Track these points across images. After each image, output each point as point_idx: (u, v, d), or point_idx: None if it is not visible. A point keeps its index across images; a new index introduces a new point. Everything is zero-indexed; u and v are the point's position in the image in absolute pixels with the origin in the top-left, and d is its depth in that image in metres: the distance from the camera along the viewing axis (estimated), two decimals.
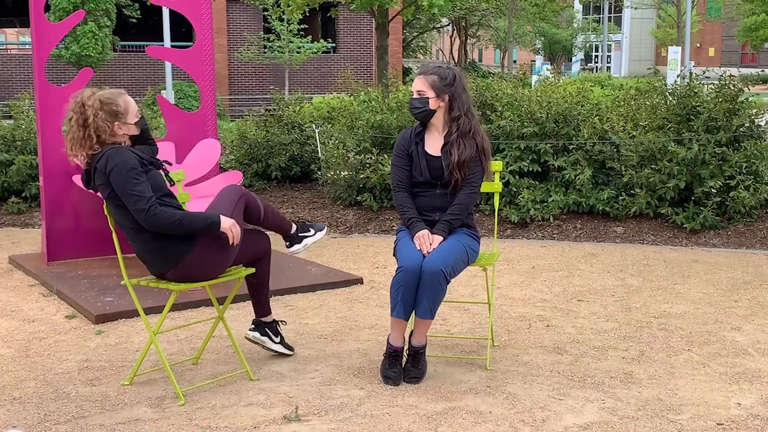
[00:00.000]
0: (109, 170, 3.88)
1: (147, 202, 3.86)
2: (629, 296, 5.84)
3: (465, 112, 4.28)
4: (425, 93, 4.24)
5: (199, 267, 4.01)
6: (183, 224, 3.92)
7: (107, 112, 3.98)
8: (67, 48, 20.42)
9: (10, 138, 9.38)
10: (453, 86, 4.25)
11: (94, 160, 3.96)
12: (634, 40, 52.53)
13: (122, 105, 4.04)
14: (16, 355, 4.64)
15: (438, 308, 4.15)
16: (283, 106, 10.96)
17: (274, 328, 4.57)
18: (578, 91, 8.96)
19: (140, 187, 3.88)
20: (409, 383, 4.15)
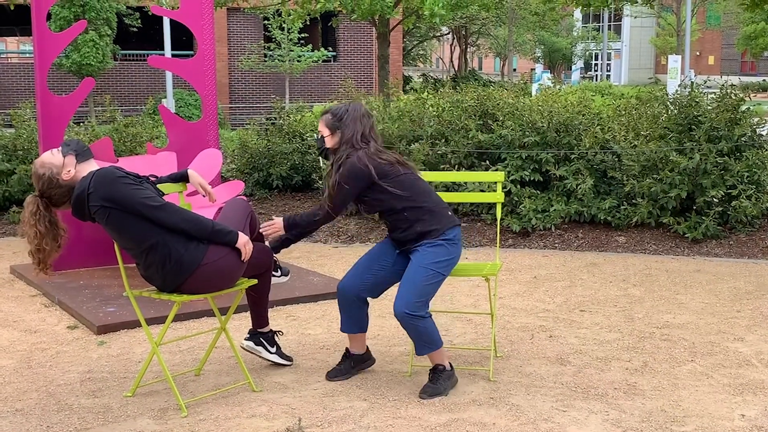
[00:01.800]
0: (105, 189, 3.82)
1: (160, 200, 3.89)
2: (632, 306, 5.83)
3: (346, 141, 4.23)
4: (322, 132, 4.32)
5: (211, 279, 3.98)
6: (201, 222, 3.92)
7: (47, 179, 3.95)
8: (68, 57, 20.44)
9: (11, 147, 9.38)
10: (341, 120, 4.25)
11: (84, 186, 3.87)
12: (634, 49, 52.61)
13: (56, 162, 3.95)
14: (18, 366, 4.63)
15: (432, 338, 4.14)
16: (284, 115, 10.97)
17: (270, 338, 4.57)
18: (579, 101, 8.96)
19: (148, 191, 3.90)
20: (420, 397, 4.13)
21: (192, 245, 3.91)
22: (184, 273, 3.92)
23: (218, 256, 3.96)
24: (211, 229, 3.92)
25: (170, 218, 3.85)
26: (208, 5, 7.10)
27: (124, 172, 3.92)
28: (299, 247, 7.93)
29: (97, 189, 3.84)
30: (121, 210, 3.84)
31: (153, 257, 3.91)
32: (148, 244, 3.90)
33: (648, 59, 53.36)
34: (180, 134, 7.17)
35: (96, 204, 3.85)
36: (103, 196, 3.83)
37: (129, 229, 3.88)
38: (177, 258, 3.89)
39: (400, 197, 4.19)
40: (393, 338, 5.10)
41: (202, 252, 3.92)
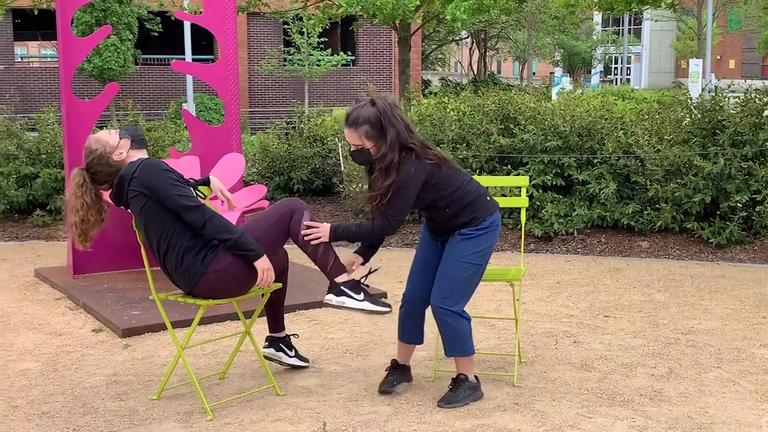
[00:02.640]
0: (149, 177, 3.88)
1: (197, 201, 3.91)
2: (656, 312, 5.80)
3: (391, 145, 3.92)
4: (362, 145, 3.97)
5: (218, 287, 3.98)
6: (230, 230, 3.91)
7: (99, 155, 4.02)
8: (90, 61, 20.59)
9: (35, 151, 9.45)
10: (382, 129, 3.92)
11: (129, 171, 3.94)
12: (654, 52, 52.33)
13: (101, 145, 4.04)
14: (44, 369, 4.66)
15: (462, 342, 4.08)
16: (304, 119, 11.00)
17: (288, 342, 4.58)
18: (602, 105, 8.93)
19: (183, 189, 3.93)
20: (438, 404, 4.10)
21: (201, 254, 3.92)
22: (191, 280, 3.96)
23: (223, 265, 3.93)
24: (237, 239, 3.90)
25: (200, 220, 3.87)
26: (231, 10, 7.12)
27: (170, 167, 3.98)
28: None
29: (141, 175, 3.90)
30: (157, 202, 3.88)
31: (170, 258, 3.97)
32: (167, 243, 3.94)
33: (668, 63, 53.06)
34: (203, 139, 7.20)
35: (136, 189, 3.91)
36: (145, 183, 3.88)
37: (157, 223, 3.93)
38: (186, 265, 3.94)
39: (444, 194, 4.03)
40: None
41: (208, 261, 3.92)
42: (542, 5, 31.14)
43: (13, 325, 5.49)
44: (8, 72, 26.20)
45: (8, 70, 26.20)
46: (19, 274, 7.02)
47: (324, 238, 4.08)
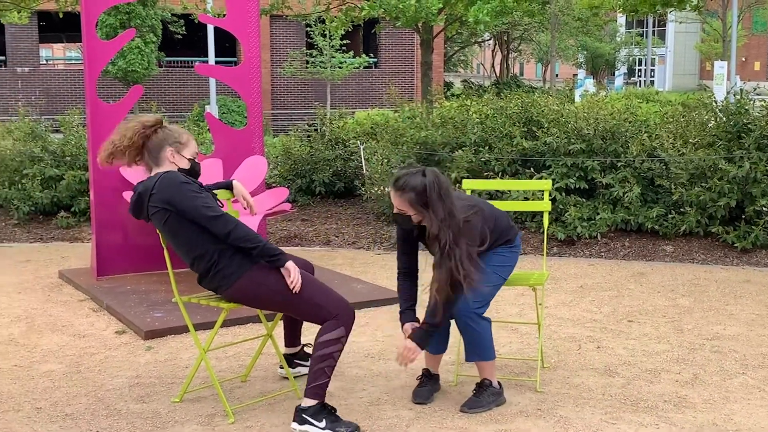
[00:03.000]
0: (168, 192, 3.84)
1: (219, 210, 3.86)
2: (681, 317, 5.75)
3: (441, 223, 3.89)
4: (405, 211, 3.94)
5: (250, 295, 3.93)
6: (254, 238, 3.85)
7: (165, 134, 4.00)
8: (114, 63, 20.73)
9: (59, 153, 9.52)
10: (428, 202, 3.88)
11: (148, 186, 3.91)
12: (678, 54, 51.98)
13: (184, 138, 4.05)
14: (67, 370, 4.68)
15: (486, 346, 4.07)
16: (326, 122, 11.02)
17: (303, 356, 4.55)
18: (626, 108, 8.86)
19: (208, 200, 3.88)
20: (461, 410, 4.08)
21: (237, 258, 3.88)
22: (224, 284, 3.92)
23: (261, 276, 3.88)
24: (262, 247, 3.84)
25: (223, 229, 3.82)
26: (254, 13, 7.15)
27: (188, 178, 3.94)
28: (342, 253, 7.95)
29: (160, 190, 3.86)
30: (179, 215, 3.85)
31: (200, 266, 3.94)
32: (196, 253, 3.92)
33: (693, 65, 52.68)
34: (226, 141, 7.22)
35: (156, 206, 3.87)
36: (165, 198, 3.84)
37: (182, 235, 3.90)
38: (219, 268, 3.89)
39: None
40: None
41: (246, 266, 3.88)
42: (566, 7, 31.01)
43: (37, 327, 5.53)
44: (33, 74, 26.45)
45: (33, 72, 26.45)
46: (43, 275, 7.08)
47: (417, 355, 4.01)
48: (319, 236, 8.62)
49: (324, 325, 3.86)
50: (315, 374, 3.82)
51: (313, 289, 3.91)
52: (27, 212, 9.15)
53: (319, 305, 3.88)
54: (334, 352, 3.82)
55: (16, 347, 5.09)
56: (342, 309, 3.89)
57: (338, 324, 3.85)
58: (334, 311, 3.87)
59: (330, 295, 3.94)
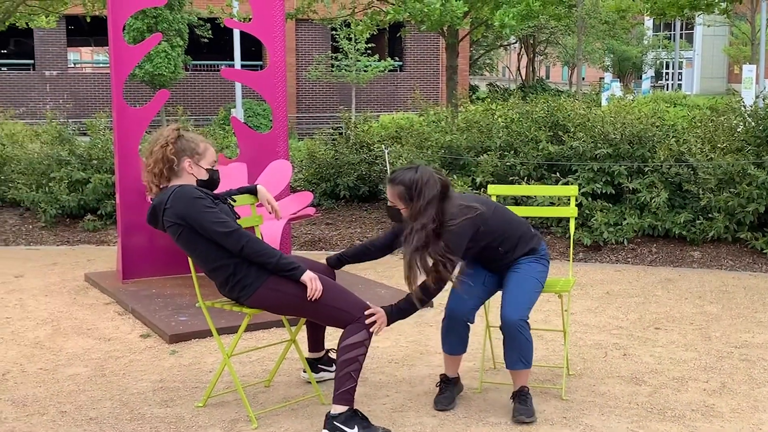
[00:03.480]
0: (180, 207, 3.84)
1: (232, 225, 3.84)
2: (708, 324, 5.67)
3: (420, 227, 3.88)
4: (396, 204, 4.00)
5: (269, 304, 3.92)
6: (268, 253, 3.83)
7: (182, 145, 4.00)
8: (141, 67, 20.86)
9: (86, 157, 9.59)
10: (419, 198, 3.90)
11: (162, 200, 3.91)
12: (706, 58, 51.49)
13: (201, 147, 4.05)
14: (92, 374, 4.70)
15: (529, 354, 4.04)
16: (351, 125, 11.02)
17: (327, 360, 4.51)
18: (653, 112, 8.79)
19: (222, 215, 3.86)
20: (517, 423, 4.00)
21: (254, 268, 3.87)
22: (244, 295, 3.91)
23: (280, 284, 3.86)
24: (276, 262, 3.82)
25: (236, 246, 3.81)
26: (279, 18, 7.16)
27: (202, 192, 3.92)
28: None
29: (174, 206, 3.86)
30: (192, 230, 3.85)
31: (217, 277, 3.94)
32: (212, 266, 3.92)
33: (721, 68, 52.17)
34: (251, 145, 7.23)
35: (170, 220, 3.88)
36: (178, 213, 3.85)
37: (197, 249, 3.90)
38: (238, 279, 3.89)
39: (497, 235, 4.12)
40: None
41: (263, 276, 3.86)
42: (592, 10, 30.83)
43: (62, 330, 5.56)
44: (61, 77, 26.69)
45: (62, 75, 26.70)
46: (69, 278, 7.12)
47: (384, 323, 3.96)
48: (344, 240, 8.61)
49: (347, 329, 3.84)
50: (341, 379, 3.79)
51: (333, 293, 3.89)
52: (54, 215, 9.22)
53: (341, 309, 3.86)
54: (359, 356, 3.80)
55: (41, 350, 5.12)
56: (364, 311, 3.87)
57: (361, 327, 3.83)
58: (357, 314, 3.85)
59: (350, 299, 3.92)
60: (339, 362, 3.80)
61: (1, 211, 10.03)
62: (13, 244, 8.73)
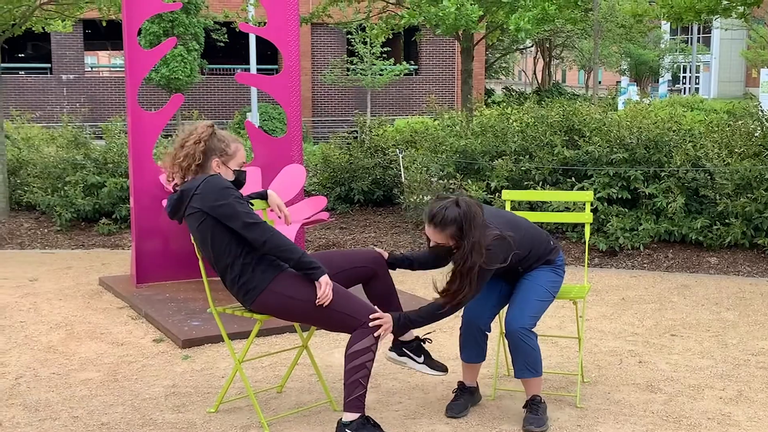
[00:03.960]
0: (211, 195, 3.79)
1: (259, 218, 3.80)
2: (725, 331, 5.61)
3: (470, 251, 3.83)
4: (446, 245, 3.91)
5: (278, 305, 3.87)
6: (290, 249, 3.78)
7: (213, 144, 3.97)
8: (157, 71, 20.95)
9: (102, 161, 9.62)
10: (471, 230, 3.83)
11: (192, 187, 3.87)
12: (724, 62, 51.19)
13: (231, 148, 4.01)
14: (104, 379, 4.70)
15: (537, 362, 3.99)
16: (366, 130, 11.00)
17: (415, 347, 4.15)
18: (670, 117, 8.72)
19: (247, 209, 3.81)
20: (526, 430, 3.95)
21: (258, 272, 3.84)
22: (248, 299, 3.89)
23: (282, 288, 3.82)
24: (299, 258, 3.78)
25: (261, 237, 3.75)
26: (294, 22, 7.16)
27: (231, 184, 3.89)
28: None
29: (204, 192, 3.79)
30: (216, 219, 3.79)
31: (225, 276, 3.91)
32: (223, 263, 3.87)
33: (738, 72, 51.85)
34: (265, 149, 7.23)
35: (195, 206, 3.81)
36: (208, 200, 3.78)
37: (212, 241, 3.84)
38: (245, 280, 3.86)
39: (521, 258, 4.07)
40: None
41: (267, 281, 3.83)
42: (609, 14, 30.72)
43: (76, 334, 5.57)
44: (78, 81, 26.84)
45: (78, 79, 26.84)
46: (83, 282, 7.14)
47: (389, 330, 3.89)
48: (358, 245, 8.59)
49: (353, 335, 3.79)
50: (350, 386, 3.76)
51: (340, 298, 3.83)
52: (69, 219, 9.25)
53: (346, 314, 3.80)
54: (367, 362, 3.74)
55: (54, 355, 5.13)
56: (369, 316, 3.81)
57: (367, 332, 3.77)
58: (363, 319, 3.80)
59: (356, 303, 3.85)
60: (346, 370, 3.76)
61: (16, 214, 10.08)
62: (29, 248, 8.76)
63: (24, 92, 26.37)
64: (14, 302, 6.44)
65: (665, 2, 9.83)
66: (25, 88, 26.48)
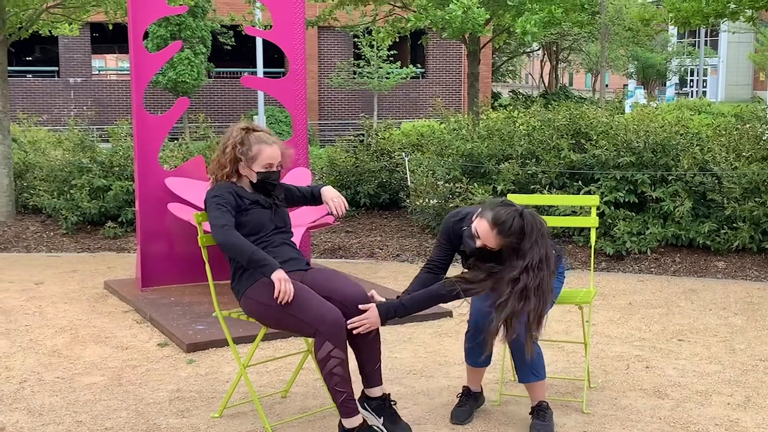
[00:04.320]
0: (205, 205, 3.97)
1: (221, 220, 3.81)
2: (733, 336, 5.57)
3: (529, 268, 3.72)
4: (493, 248, 3.79)
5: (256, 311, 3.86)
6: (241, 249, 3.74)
7: (241, 149, 4.01)
8: (164, 74, 20.99)
9: (108, 164, 9.62)
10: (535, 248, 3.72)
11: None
12: (731, 65, 51.06)
13: (253, 150, 4.00)
14: (109, 383, 4.68)
15: (540, 366, 3.97)
16: (372, 133, 10.98)
17: (377, 406, 3.92)
18: (677, 120, 8.68)
19: (217, 212, 3.84)
20: None
21: (246, 275, 3.88)
22: (238, 298, 3.96)
23: (256, 293, 3.81)
24: (249, 257, 3.73)
25: (217, 238, 3.80)
26: (299, 26, 7.14)
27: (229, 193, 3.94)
28: (386, 266, 7.89)
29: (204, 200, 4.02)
30: None
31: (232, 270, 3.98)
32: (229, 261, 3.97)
33: (746, 75, 51.72)
34: None
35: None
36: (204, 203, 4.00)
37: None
38: (234, 284, 3.95)
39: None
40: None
41: (247, 285, 3.87)
42: (616, 17, 30.68)
43: (80, 338, 5.55)
44: (85, 84, 26.88)
45: (86, 82, 26.88)
46: (89, 285, 7.13)
47: (375, 325, 3.79)
48: (364, 248, 8.57)
49: (314, 343, 3.74)
50: (332, 393, 3.74)
51: (301, 302, 3.72)
52: (75, 222, 9.25)
53: (303, 320, 3.71)
54: (333, 369, 3.63)
55: (59, 359, 5.11)
56: (321, 323, 3.67)
57: (322, 340, 3.66)
58: (317, 326, 3.67)
59: (314, 310, 3.70)
60: (323, 377, 3.73)
61: (22, 217, 10.09)
62: (35, 251, 8.76)
63: (31, 95, 26.43)
64: (20, 305, 6.43)
65: (673, 6, 9.80)
66: (32, 91, 26.54)
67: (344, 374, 3.67)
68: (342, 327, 3.70)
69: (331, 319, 3.68)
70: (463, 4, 10.18)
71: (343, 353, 3.67)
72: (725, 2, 9.33)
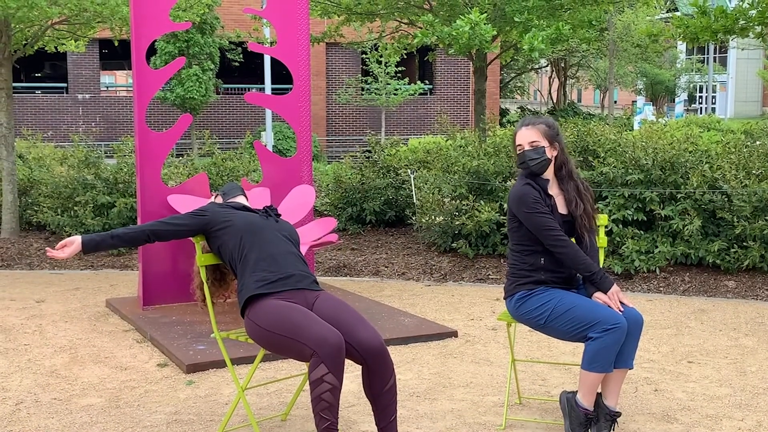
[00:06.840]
0: None
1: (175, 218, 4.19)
2: (744, 358, 5.46)
3: (566, 160, 4.20)
4: (539, 143, 4.06)
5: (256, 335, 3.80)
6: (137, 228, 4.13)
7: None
8: (172, 91, 21.01)
9: (112, 180, 9.58)
10: (559, 134, 4.16)
11: None
12: (740, 81, 50.98)
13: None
14: (106, 405, 4.60)
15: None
16: (378, 150, 10.92)
17: None
18: (686, 137, 8.58)
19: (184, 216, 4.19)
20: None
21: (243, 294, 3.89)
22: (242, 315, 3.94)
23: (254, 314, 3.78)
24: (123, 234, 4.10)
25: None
26: (304, 42, 7.10)
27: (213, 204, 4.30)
28: (391, 284, 7.79)
29: None
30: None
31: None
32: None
33: (755, 92, 51.62)
34: (274, 170, 7.15)
35: None
36: None
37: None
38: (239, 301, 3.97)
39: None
40: (486, 387, 4.87)
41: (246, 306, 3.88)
42: (624, 33, 30.63)
43: (80, 358, 5.47)
44: (94, 101, 26.93)
45: (94, 99, 26.93)
46: (91, 303, 7.05)
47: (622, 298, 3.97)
48: (369, 266, 8.48)
49: (309, 365, 3.61)
50: (316, 418, 3.55)
51: (293, 325, 3.63)
52: None
53: (302, 344, 3.59)
54: (321, 393, 3.49)
55: (57, 379, 5.03)
56: (321, 345, 3.55)
57: (317, 362, 3.54)
58: (315, 347, 3.55)
59: (312, 331, 3.59)
60: (311, 398, 3.56)
61: (26, 234, 10.04)
62: (38, 268, 8.70)
63: (40, 111, 26.48)
64: (20, 324, 6.36)
65: (681, 23, 9.72)
66: (41, 108, 26.59)
67: (333, 402, 3.52)
68: (342, 354, 3.57)
69: (333, 343, 3.56)
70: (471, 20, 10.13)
71: (337, 381, 3.53)
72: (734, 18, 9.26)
